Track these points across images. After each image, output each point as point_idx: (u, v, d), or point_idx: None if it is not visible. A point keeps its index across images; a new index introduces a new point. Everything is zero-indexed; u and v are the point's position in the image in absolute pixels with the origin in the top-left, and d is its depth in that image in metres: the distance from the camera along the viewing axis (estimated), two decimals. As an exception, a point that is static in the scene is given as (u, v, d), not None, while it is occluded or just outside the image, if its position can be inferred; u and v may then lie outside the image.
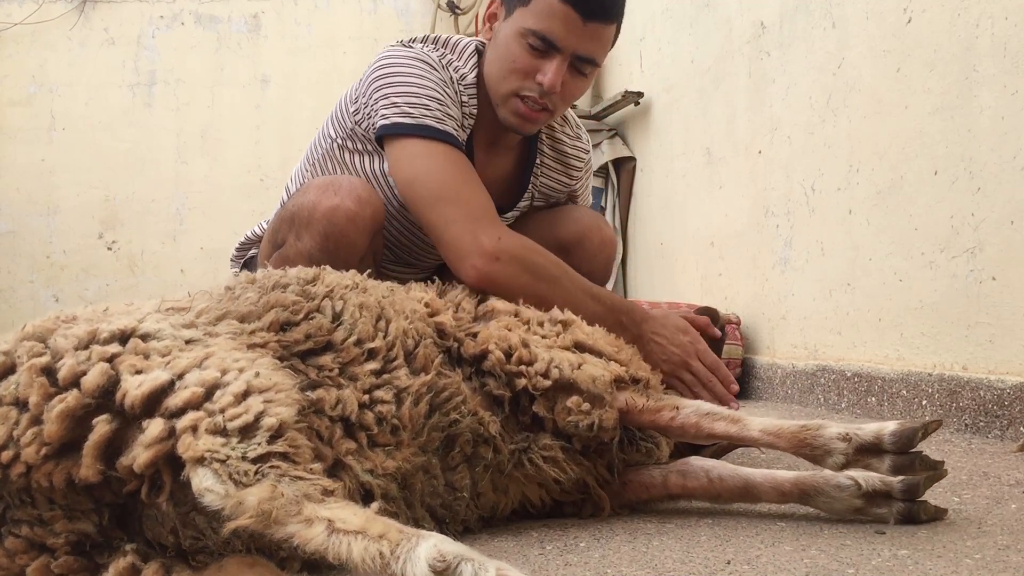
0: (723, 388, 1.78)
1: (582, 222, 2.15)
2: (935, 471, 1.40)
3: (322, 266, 1.50)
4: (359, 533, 0.94)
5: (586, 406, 1.46)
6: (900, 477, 1.39)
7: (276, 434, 1.04)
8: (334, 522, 0.95)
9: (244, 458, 0.99)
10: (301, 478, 1.00)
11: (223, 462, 0.98)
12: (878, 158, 2.77)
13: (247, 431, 1.02)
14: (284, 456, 1.02)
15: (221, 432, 1.01)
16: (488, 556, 0.92)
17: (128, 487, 1.05)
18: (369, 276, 1.55)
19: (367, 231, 1.86)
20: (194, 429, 1.02)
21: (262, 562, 1.06)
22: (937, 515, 1.44)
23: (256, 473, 0.99)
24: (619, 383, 1.51)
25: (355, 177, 1.93)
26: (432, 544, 0.92)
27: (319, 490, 1.00)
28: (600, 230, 2.18)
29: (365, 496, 1.23)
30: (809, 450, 1.37)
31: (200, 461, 0.99)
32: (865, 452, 1.35)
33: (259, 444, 1.01)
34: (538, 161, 2.14)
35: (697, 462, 1.57)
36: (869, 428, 1.35)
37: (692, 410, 1.47)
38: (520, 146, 2.12)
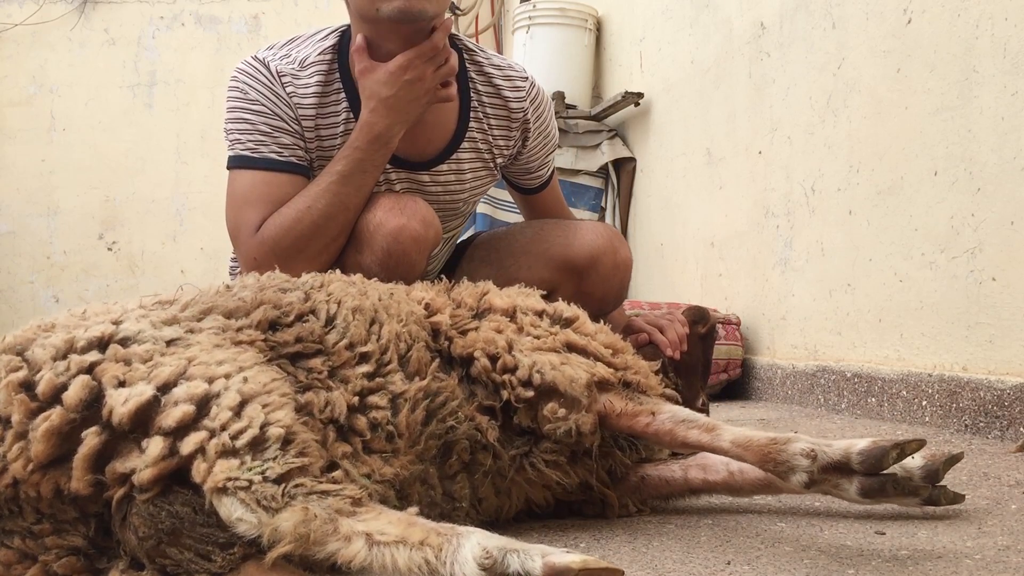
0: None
1: (596, 244, 2.09)
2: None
3: (334, 270, 1.50)
4: (400, 543, 0.95)
5: (562, 411, 1.40)
6: (920, 463, 1.38)
7: (286, 440, 1.03)
8: (372, 535, 0.96)
9: (265, 479, 0.99)
10: (328, 492, 1.00)
11: (247, 489, 0.98)
12: (878, 158, 2.77)
13: (256, 445, 1.02)
14: (302, 470, 1.02)
15: (232, 452, 1.00)
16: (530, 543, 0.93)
17: (109, 493, 1.04)
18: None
19: (427, 252, 1.91)
20: (203, 452, 1.00)
21: (280, 564, 1.06)
22: (956, 500, 1.44)
23: (283, 495, 0.98)
24: (602, 385, 1.44)
25: (419, 198, 1.96)
26: (475, 543, 0.93)
27: (348, 502, 1.00)
28: (615, 252, 2.10)
29: None
30: (773, 465, 1.25)
31: (223, 491, 0.98)
32: (832, 471, 1.25)
33: (274, 460, 1.01)
34: (474, 102, 2.05)
35: (716, 455, 1.51)
36: (838, 445, 1.26)
37: (668, 416, 1.40)
38: (457, 95, 2.03)
